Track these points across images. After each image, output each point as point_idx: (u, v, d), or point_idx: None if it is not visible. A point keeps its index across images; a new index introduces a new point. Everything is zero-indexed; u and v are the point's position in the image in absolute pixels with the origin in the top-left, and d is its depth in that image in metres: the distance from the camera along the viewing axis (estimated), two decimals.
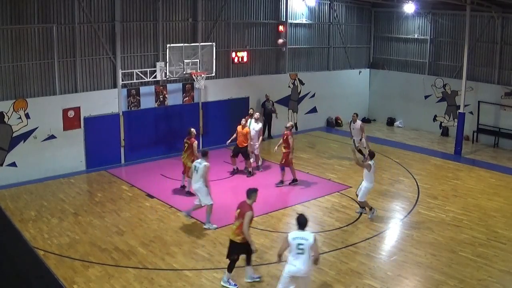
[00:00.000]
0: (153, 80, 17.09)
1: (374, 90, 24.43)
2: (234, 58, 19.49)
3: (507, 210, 13.32)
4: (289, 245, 8.09)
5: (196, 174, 11.72)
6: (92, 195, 14.16)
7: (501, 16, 19.58)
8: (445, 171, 16.85)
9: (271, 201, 13.80)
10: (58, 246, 10.88)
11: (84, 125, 15.99)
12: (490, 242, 11.43)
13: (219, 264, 10.22)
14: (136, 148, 17.20)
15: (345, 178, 15.81)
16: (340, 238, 11.53)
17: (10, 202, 13.38)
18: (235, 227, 9.32)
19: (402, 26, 23.36)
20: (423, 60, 22.71)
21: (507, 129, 19.59)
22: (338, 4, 22.92)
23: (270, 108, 20.04)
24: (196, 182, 11.75)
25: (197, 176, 11.69)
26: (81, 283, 9.39)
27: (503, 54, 19.96)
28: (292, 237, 8.08)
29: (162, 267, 10.10)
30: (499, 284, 9.60)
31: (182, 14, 17.93)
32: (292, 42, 21.55)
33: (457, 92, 20.67)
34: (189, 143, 13.93)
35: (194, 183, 11.84)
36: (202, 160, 11.84)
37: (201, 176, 11.63)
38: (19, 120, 14.69)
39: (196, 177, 11.74)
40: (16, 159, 14.76)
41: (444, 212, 13.12)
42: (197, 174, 11.69)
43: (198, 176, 11.68)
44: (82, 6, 15.55)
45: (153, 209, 13.15)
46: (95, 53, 16.15)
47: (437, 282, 9.64)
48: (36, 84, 15.15)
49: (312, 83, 22.19)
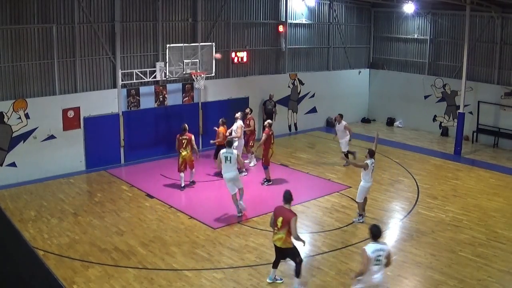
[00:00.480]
0: (152, 80, 17.09)
1: (374, 90, 24.43)
2: (233, 58, 19.51)
3: (506, 210, 13.32)
4: (369, 259, 7.55)
5: (230, 163, 12.16)
6: (92, 195, 14.16)
7: (501, 16, 19.58)
8: (445, 171, 16.85)
9: (271, 201, 13.75)
10: (57, 246, 10.88)
11: (84, 125, 15.99)
12: (490, 242, 11.43)
13: (219, 264, 10.23)
14: (136, 148, 17.21)
15: (345, 178, 15.81)
16: (340, 238, 11.53)
17: (10, 202, 13.38)
18: (282, 235, 8.71)
19: (402, 26, 23.37)
20: (423, 60, 22.72)
21: (507, 129, 19.59)
22: (338, 4, 22.92)
23: (271, 108, 20.03)
24: (229, 171, 12.21)
25: (231, 165, 12.16)
26: (81, 283, 9.39)
27: (503, 54, 19.96)
28: (371, 251, 7.60)
29: (161, 267, 10.10)
30: (498, 284, 9.60)
31: (182, 14, 17.94)
32: (292, 42, 21.56)
33: (457, 92, 20.68)
34: (187, 139, 14.22)
35: (227, 172, 12.23)
36: (228, 149, 12.35)
37: (234, 163, 12.17)
38: (19, 120, 14.69)
39: (229, 166, 12.18)
40: (16, 159, 14.76)
41: (444, 212, 13.13)
42: (231, 163, 12.15)
43: (231, 165, 12.16)
44: (82, 6, 15.55)
45: (153, 209, 13.15)
46: (95, 53, 16.15)
47: (437, 282, 9.64)
48: (36, 84, 15.15)
49: (312, 83, 22.19)
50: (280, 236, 8.78)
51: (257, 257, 10.56)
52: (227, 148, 12.46)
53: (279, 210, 8.88)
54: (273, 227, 9.02)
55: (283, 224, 8.65)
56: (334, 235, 11.70)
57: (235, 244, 11.14)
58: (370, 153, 12.26)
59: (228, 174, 12.26)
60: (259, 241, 11.30)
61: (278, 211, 8.87)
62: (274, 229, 8.96)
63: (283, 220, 8.68)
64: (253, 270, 10.02)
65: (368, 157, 12.20)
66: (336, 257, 10.63)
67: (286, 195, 9.00)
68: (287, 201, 8.95)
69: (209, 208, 13.37)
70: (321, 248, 11.07)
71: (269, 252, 10.76)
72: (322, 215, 12.99)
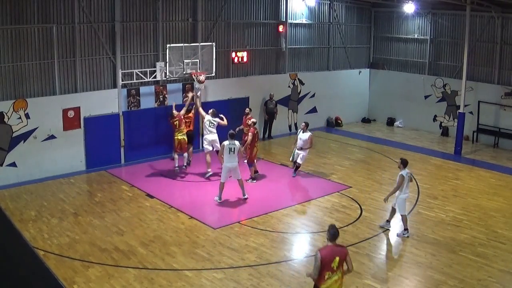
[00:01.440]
0: (153, 80, 17.09)
1: (374, 90, 24.43)
2: (234, 58, 19.51)
3: (507, 210, 13.32)
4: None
5: (233, 154, 13.18)
6: (92, 195, 14.15)
7: (501, 16, 19.58)
8: (445, 171, 16.85)
9: (271, 201, 13.81)
10: (58, 246, 10.88)
11: (84, 125, 15.98)
12: (490, 242, 11.43)
13: (219, 264, 10.23)
14: (136, 148, 17.20)
15: (345, 178, 15.81)
16: (340, 238, 11.34)
17: (10, 202, 13.38)
18: (339, 275, 7.47)
19: (402, 26, 23.36)
20: (423, 60, 22.72)
21: (507, 129, 19.59)
22: (338, 4, 22.92)
23: (272, 108, 20.04)
24: (233, 161, 13.20)
25: (234, 156, 13.20)
26: (81, 283, 9.39)
27: (503, 54, 19.96)
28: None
29: (162, 267, 10.10)
30: (499, 284, 9.60)
31: (182, 14, 17.93)
32: (292, 42, 21.56)
33: (457, 92, 20.67)
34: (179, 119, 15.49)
35: (230, 162, 13.20)
36: (232, 141, 13.23)
37: (237, 154, 13.25)
38: (19, 120, 14.69)
39: (232, 157, 13.19)
40: (16, 159, 14.76)
41: (444, 212, 13.13)
42: (234, 153, 13.18)
43: (234, 156, 13.20)
44: (82, 6, 15.55)
45: (153, 209, 13.15)
46: (95, 53, 16.15)
47: (437, 282, 9.64)
48: (36, 84, 15.15)
49: (312, 83, 22.19)
50: (337, 278, 7.50)
51: (258, 257, 10.56)
52: (229, 140, 13.26)
53: (330, 251, 7.42)
54: (320, 272, 7.35)
55: (339, 264, 7.49)
56: None
57: (235, 244, 11.13)
58: (404, 162, 11.45)
59: (231, 164, 13.22)
60: (259, 241, 11.30)
61: (329, 253, 7.39)
62: (325, 273, 7.36)
63: (339, 259, 7.46)
64: (253, 270, 10.02)
65: (402, 167, 11.44)
66: None
67: (334, 232, 7.55)
68: (335, 239, 7.58)
69: (209, 208, 13.38)
70: None
71: (269, 252, 10.77)
72: (323, 215, 12.99)
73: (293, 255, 10.95)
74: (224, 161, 13.32)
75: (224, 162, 13.29)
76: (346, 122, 23.50)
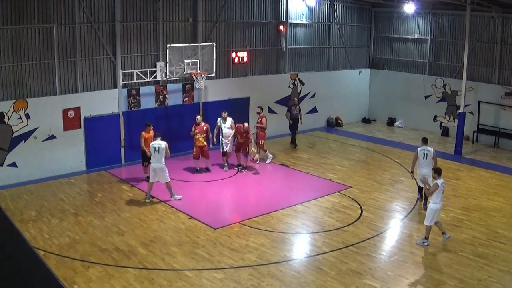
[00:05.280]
0: (153, 80, 17.09)
1: (374, 90, 24.43)
2: (234, 58, 19.51)
3: (507, 210, 13.32)
4: None
5: (158, 153, 13.25)
6: (92, 195, 14.16)
7: (501, 16, 19.57)
8: (445, 171, 16.65)
9: (271, 201, 13.81)
10: (58, 246, 10.88)
11: (84, 125, 15.99)
12: (490, 242, 11.43)
13: (219, 264, 10.23)
14: (136, 148, 17.09)
15: (345, 178, 15.81)
16: (340, 238, 11.53)
17: (10, 202, 13.38)
18: None
19: (402, 26, 23.36)
20: (423, 60, 22.71)
21: (507, 129, 19.58)
22: (338, 4, 22.92)
23: (296, 113, 19.45)
24: (156, 161, 13.29)
25: (158, 156, 13.29)
26: (81, 283, 9.39)
27: (503, 54, 19.95)
28: None
29: (162, 267, 10.10)
30: (499, 284, 9.60)
31: (182, 14, 17.94)
32: (292, 42, 21.56)
33: (457, 92, 20.66)
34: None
35: (154, 163, 13.33)
36: (156, 140, 13.49)
37: (162, 155, 13.31)
38: (19, 120, 14.70)
39: (157, 157, 13.29)
40: (16, 159, 14.76)
41: (444, 212, 13.10)
42: (159, 153, 13.25)
43: (159, 156, 13.29)
44: (82, 6, 15.56)
45: (153, 209, 13.15)
46: (95, 53, 16.16)
47: (437, 282, 9.64)
48: (36, 84, 15.16)
49: (312, 83, 22.19)
50: None
51: (258, 257, 10.56)
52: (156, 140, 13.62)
53: None
54: None
55: None
56: (334, 235, 11.69)
57: (236, 244, 11.14)
58: (438, 171, 11.20)
59: (155, 164, 13.31)
60: (259, 241, 11.30)
61: None
62: None
63: None
64: (253, 270, 10.02)
65: (437, 177, 11.13)
66: (337, 257, 10.63)
67: None
68: None
69: (209, 208, 13.39)
70: (321, 248, 11.07)
71: (269, 252, 10.77)
72: (323, 215, 12.99)
73: (293, 255, 10.94)
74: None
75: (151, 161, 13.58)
76: (346, 122, 23.50)
